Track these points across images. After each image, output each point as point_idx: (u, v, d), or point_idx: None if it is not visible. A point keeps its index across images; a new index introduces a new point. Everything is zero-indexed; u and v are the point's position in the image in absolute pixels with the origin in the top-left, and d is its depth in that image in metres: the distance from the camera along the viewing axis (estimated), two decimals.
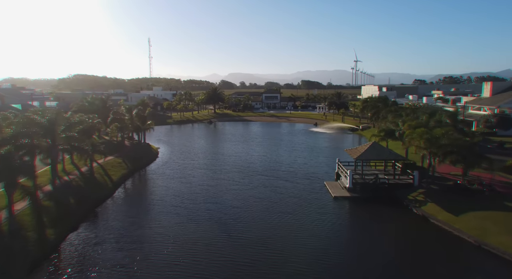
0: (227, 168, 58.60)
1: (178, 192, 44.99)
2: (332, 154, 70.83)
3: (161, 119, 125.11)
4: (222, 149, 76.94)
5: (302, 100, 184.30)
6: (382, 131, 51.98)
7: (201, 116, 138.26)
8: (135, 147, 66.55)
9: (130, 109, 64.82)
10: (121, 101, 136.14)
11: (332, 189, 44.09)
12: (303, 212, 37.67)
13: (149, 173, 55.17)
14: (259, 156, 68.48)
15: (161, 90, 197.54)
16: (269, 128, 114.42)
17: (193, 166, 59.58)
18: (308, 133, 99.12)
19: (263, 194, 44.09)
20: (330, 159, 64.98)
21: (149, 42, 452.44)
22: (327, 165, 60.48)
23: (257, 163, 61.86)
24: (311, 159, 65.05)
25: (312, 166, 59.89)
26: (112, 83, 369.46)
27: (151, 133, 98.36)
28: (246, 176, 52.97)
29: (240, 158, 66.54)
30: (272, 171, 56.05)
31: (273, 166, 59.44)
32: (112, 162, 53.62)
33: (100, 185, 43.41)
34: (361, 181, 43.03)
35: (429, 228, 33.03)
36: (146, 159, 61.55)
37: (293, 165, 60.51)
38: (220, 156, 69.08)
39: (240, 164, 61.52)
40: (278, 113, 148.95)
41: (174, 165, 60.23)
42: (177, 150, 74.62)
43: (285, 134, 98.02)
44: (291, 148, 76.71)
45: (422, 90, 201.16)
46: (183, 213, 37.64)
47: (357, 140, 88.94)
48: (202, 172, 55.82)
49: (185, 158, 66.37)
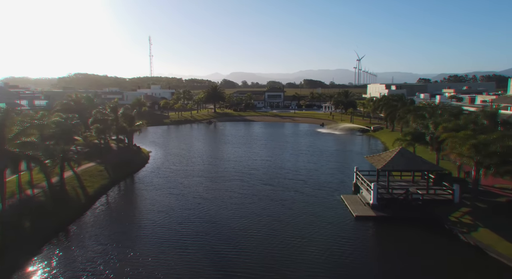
0: (227, 175, 51.01)
1: (165, 207, 37.39)
2: (345, 158, 63.09)
3: (158, 119, 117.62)
4: (221, 152, 69.30)
5: (306, 99, 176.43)
6: (408, 134, 44.09)
7: (200, 116, 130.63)
8: (123, 151, 58.99)
9: (115, 109, 57.13)
10: (116, 100, 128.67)
11: (352, 205, 36.37)
12: (318, 237, 30.06)
13: (134, 183, 47.58)
14: (262, 160, 60.83)
15: (159, 89, 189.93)
16: (272, 129, 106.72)
17: (187, 173, 51.99)
18: (315, 135, 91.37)
19: (268, 210, 36.45)
20: (343, 165, 57.26)
21: (150, 41, 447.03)
22: (340, 171, 52.80)
23: (260, 170, 54.23)
24: (322, 165, 57.33)
25: (323, 172, 52.22)
26: (112, 82, 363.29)
27: (147, 134, 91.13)
28: (248, 186, 45.36)
29: (241, 163, 58.92)
30: (278, 179, 48.45)
31: (279, 173, 51.81)
32: (92, 169, 46.04)
33: (69, 201, 35.79)
34: (388, 196, 35.26)
35: (489, 264, 25.22)
36: (134, 165, 53.97)
37: (301, 171, 52.86)
38: (219, 160, 61.45)
39: (241, 170, 53.93)
40: (281, 113, 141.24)
41: (166, 172, 52.63)
42: (171, 153, 66.99)
43: (290, 136, 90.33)
44: (298, 151, 68.98)
45: (431, 89, 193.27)
46: (168, 237, 30.06)
47: (370, 142, 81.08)
48: (197, 180, 48.21)
49: (180, 163, 58.77)
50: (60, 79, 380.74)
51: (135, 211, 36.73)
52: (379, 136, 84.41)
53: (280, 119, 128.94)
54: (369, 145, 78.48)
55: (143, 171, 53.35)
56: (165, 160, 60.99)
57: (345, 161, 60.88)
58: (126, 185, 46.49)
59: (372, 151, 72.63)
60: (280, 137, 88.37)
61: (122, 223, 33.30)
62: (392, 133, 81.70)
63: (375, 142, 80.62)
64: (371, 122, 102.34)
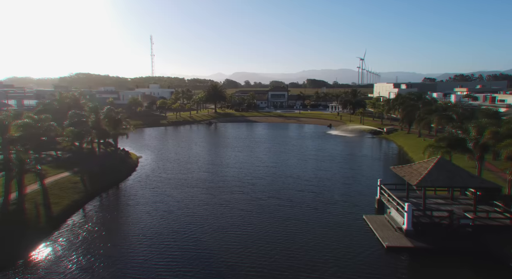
0: (226, 185, 43.86)
1: (147, 230, 30.25)
2: (360, 165, 55.75)
3: (154, 120, 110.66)
4: (220, 157, 62.10)
5: (311, 99, 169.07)
6: (442, 140, 36.63)
7: (200, 117, 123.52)
8: (108, 157, 51.93)
9: (95, 109, 49.89)
10: (110, 99, 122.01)
11: (379, 229, 29.07)
12: (343, 275, 22.83)
13: (113, 196, 40.49)
14: (266, 167, 53.61)
15: (158, 88, 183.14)
16: (276, 130, 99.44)
17: (179, 183, 44.86)
18: (323, 137, 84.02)
19: (275, 237, 29.21)
20: (359, 173, 49.96)
21: (151, 40, 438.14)
22: (356, 181, 45.54)
23: (264, 179, 47.04)
24: (334, 173, 50.05)
25: (337, 182, 44.96)
26: (114, 82, 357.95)
27: (141, 136, 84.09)
28: (250, 200, 38.21)
29: (243, 170, 51.75)
30: (285, 192, 41.28)
31: (286, 183, 44.59)
32: (65, 181, 38.92)
33: (26, 225, 28.63)
34: (426, 220, 27.90)
35: None
36: (118, 174, 46.87)
37: (311, 181, 45.63)
38: (218, 167, 54.27)
39: (242, 179, 46.79)
40: (286, 113, 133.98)
41: (154, 182, 45.49)
42: (164, 158, 59.86)
43: (296, 138, 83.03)
44: (306, 155, 61.67)
45: (441, 88, 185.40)
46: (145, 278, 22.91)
47: (384, 146, 73.61)
48: (190, 193, 41.05)
49: (172, 170, 51.65)
50: (62, 79, 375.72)
51: (106, 238, 29.50)
52: (393, 139, 76.94)
53: (285, 120, 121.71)
54: (384, 149, 71.06)
55: (128, 180, 46.20)
56: (156, 167, 53.85)
57: (361, 168, 53.56)
58: (102, 199, 39.16)
59: (388, 156, 65.30)
60: (285, 139, 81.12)
61: (86, 258, 26.10)
62: (408, 136, 74.29)
63: (390, 145, 73.14)
64: (383, 124, 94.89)
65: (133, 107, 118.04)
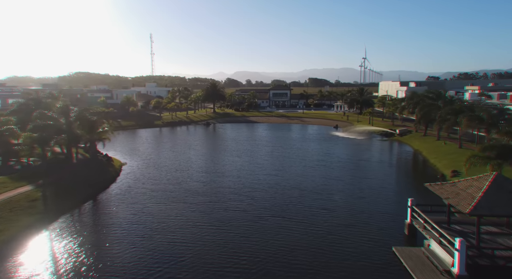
0: (220, 200, 36.83)
1: (113, 266, 23.16)
2: (376, 172, 48.51)
3: (148, 120, 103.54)
4: (216, 164, 54.95)
5: (315, 98, 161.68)
6: (491, 148, 29.32)
7: (198, 117, 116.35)
8: (86, 165, 44.84)
9: (65, 111, 42.58)
10: (102, 99, 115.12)
11: (417, 270, 21.91)
12: None
13: (80, 218, 33.23)
14: (268, 176, 46.48)
15: (155, 87, 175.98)
16: (279, 131, 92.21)
17: (165, 197, 37.80)
18: (329, 140, 76.74)
19: (278, 271, 22.13)
20: (376, 183, 42.75)
21: (151, 38, 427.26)
22: (376, 194, 38.39)
23: (266, 191, 39.96)
24: (347, 182, 42.87)
25: (352, 196, 37.84)
26: (114, 81, 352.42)
27: (131, 139, 76.96)
28: (250, 221, 31.30)
29: (240, 180, 44.65)
30: (291, 208, 34.37)
31: (291, 197, 37.55)
32: (21, 198, 31.86)
33: None
34: (485, 261, 20.73)
35: None
36: (94, 185, 39.79)
37: (321, 193, 38.56)
38: (213, 176, 47.14)
39: (240, 192, 39.74)
40: (288, 113, 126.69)
41: (136, 195, 38.42)
42: (152, 165, 52.72)
43: (301, 141, 75.77)
44: (313, 161, 54.44)
45: (450, 86, 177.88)
46: None
47: (400, 150, 66.20)
48: (177, 210, 34.01)
49: (160, 179, 44.56)
50: (61, 78, 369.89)
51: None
52: (408, 142, 69.55)
53: (287, 120, 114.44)
54: (400, 154, 63.75)
55: (104, 194, 39.12)
56: (140, 175, 46.73)
57: (377, 177, 46.33)
58: (65, 223, 31.62)
59: (406, 162, 58.07)
60: (289, 142, 73.87)
61: None
62: (425, 139, 66.96)
63: (406, 149, 65.78)
64: (394, 125, 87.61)
65: (126, 107, 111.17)
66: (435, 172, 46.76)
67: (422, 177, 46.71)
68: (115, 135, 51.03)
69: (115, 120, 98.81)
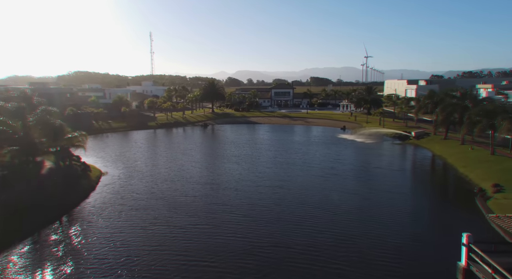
0: (212, 223, 29.75)
1: None
2: (399, 185, 41.24)
3: (141, 121, 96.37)
4: (211, 172, 47.82)
5: (319, 97, 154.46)
6: None
7: (195, 117, 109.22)
8: (54, 177, 37.69)
9: (20, 112, 35.26)
10: (92, 98, 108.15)
11: None
12: None
13: (31, 251, 26.13)
14: (273, 189, 39.34)
15: (152, 85, 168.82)
16: (282, 133, 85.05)
17: (145, 218, 30.74)
18: (338, 143, 69.49)
19: None
20: (402, 200, 35.55)
21: (151, 37, 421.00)
22: (406, 217, 31.17)
23: (270, 209, 32.93)
24: (369, 200, 35.64)
25: (377, 218, 30.61)
26: (113, 80, 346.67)
27: (120, 142, 69.67)
28: (248, 255, 24.11)
29: (240, 194, 37.57)
30: (300, 235, 27.30)
31: (301, 219, 30.51)
32: None
33: None
34: None
35: None
36: (63, 202, 32.68)
37: (337, 214, 31.45)
38: (207, 188, 40.02)
39: (238, 211, 32.69)
40: (291, 113, 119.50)
41: (110, 216, 31.33)
42: (136, 175, 45.55)
43: (306, 144, 68.52)
44: (322, 170, 47.20)
45: (460, 84, 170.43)
46: None
47: (420, 155, 58.91)
48: (157, 237, 26.97)
49: (142, 193, 37.47)
50: (60, 78, 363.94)
51: None
52: (427, 146, 62.24)
53: (291, 120, 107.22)
54: (422, 161, 56.50)
55: (70, 216, 32.02)
56: (121, 188, 39.62)
57: (402, 190, 39.17)
58: (9, 257, 24.82)
59: (433, 172, 50.89)
60: (293, 146, 66.66)
61: None
62: (447, 143, 59.73)
63: (427, 155, 58.49)
64: (407, 126, 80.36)
65: (119, 107, 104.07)
66: (469, 185, 39.52)
67: (456, 191, 39.72)
68: (87, 141, 43.70)
69: (105, 121, 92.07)
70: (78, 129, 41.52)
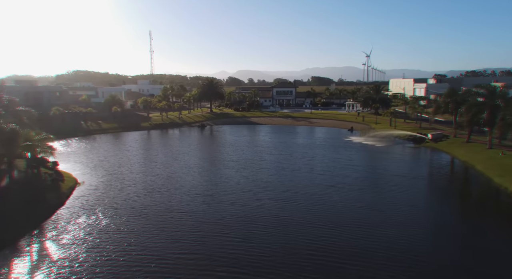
0: (206, 254, 23.37)
1: None
2: (428, 198, 34.86)
3: (134, 122, 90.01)
4: (206, 181, 41.39)
5: (323, 96, 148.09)
6: None
7: (192, 118, 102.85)
8: (14, 190, 31.38)
9: None
10: (83, 97, 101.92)
11: None
12: None
13: None
14: (277, 204, 33.05)
15: (148, 84, 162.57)
16: (285, 135, 78.67)
17: (120, 245, 24.42)
18: (347, 146, 63.04)
19: None
20: (437, 216, 29.10)
21: (150, 35, 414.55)
22: (450, 248, 24.72)
23: (274, 231, 26.59)
24: (394, 219, 29.22)
25: (409, 247, 24.21)
26: (113, 79, 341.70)
27: (107, 145, 63.08)
28: None
29: (238, 212, 31.29)
30: (314, 271, 20.79)
31: (313, 245, 24.08)
32: None
33: None
34: None
35: None
36: (17, 225, 26.33)
37: (357, 240, 25.06)
38: (198, 202, 33.69)
39: (236, 234, 26.45)
40: (294, 113, 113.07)
41: (74, 243, 25.02)
42: (117, 185, 39.11)
43: (313, 147, 62.05)
44: (334, 178, 40.82)
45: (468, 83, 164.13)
46: None
47: (443, 161, 52.37)
48: (133, 269, 20.65)
49: (121, 209, 31.16)
50: (59, 77, 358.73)
51: None
52: (448, 150, 55.71)
53: (293, 121, 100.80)
54: (448, 168, 50.02)
55: (25, 239, 25.68)
56: (96, 202, 33.27)
57: (431, 204, 32.77)
58: None
59: (464, 182, 44.18)
60: (298, 149, 60.26)
61: None
62: (470, 147, 53.29)
63: (449, 160, 52.07)
64: (421, 127, 73.92)
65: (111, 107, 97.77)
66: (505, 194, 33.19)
67: (496, 207, 33.31)
68: (55, 147, 37.35)
69: (95, 121, 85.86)
70: (65, 130, 35.50)
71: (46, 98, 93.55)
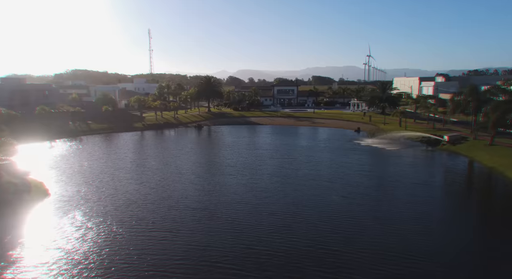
0: None
1: None
2: (461, 214, 29.33)
3: (126, 123, 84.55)
4: (199, 190, 35.87)
5: (325, 96, 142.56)
6: None
7: (188, 118, 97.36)
8: None
9: None
10: (74, 95, 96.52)
11: None
12: None
13: None
14: (280, 219, 27.64)
15: (144, 83, 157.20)
16: (287, 136, 73.17)
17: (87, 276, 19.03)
18: (356, 149, 57.56)
19: None
20: (473, 236, 23.57)
21: (149, 34, 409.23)
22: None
23: (276, 253, 21.03)
24: (423, 241, 23.74)
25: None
26: (112, 78, 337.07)
27: (96, 147, 57.34)
28: None
29: (235, 231, 25.87)
30: None
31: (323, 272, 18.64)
32: None
33: None
34: None
35: None
36: None
37: (379, 267, 19.47)
38: (188, 218, 28.27)
39: (235, 261, 20.94)
40: (296, 113, 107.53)
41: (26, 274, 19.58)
42: (93, 197, 33.62)
43: (318, 150, 56.56)
44: (345, 187, 35.35)
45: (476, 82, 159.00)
46: None
47: (465, 166, 46.94)
48: None
49: (90, 231, 25.76)
50: (57, 76, 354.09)
51: None
52: (469, 153, 50.18)
53: (296, 121, 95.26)
54: (472, 175, 44.55)
55: None
56: (60, 220, 27.76)
57: (462, 221, 27.26)
58: None
59: (497, 193, 38.62)
60: (302, 152, 54.78)
61: None
62: (495, 150, 47.77)
63: (473, 165, 46.56)
64: (435, 129, 68.39)
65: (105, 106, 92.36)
66: None
67: None
68: (15, 151, 32.00)
69: (83, 122, 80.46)
70: (49, 131, 30.24)
71: (34, 97, 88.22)
